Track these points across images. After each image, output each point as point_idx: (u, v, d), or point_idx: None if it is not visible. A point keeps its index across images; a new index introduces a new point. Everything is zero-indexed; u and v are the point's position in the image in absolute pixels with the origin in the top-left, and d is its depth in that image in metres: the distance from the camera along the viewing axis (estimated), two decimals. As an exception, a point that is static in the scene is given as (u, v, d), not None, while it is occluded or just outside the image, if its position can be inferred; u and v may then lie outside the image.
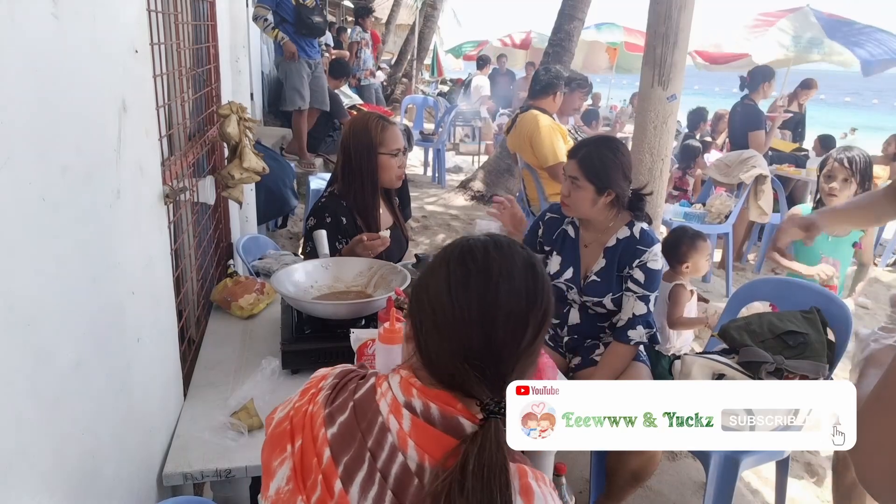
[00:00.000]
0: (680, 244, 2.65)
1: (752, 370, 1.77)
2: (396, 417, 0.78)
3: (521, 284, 0.78)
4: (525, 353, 0.78)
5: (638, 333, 1.91)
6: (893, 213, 1.64)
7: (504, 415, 0.74)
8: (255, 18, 4.81)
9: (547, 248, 2.09)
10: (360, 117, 2.12)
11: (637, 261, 1.91)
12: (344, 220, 2.05)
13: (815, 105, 7.84)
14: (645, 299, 1.91)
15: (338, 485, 0.76)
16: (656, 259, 1.92)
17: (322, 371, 0.93)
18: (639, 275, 1.90)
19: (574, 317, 2.07)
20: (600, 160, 1.86)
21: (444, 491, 0.71)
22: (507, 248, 0.81)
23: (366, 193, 2.08)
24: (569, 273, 2.01)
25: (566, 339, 2.09)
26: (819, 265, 2.54)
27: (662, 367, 2.11)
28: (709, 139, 6.49)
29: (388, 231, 2.05)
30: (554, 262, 2.05)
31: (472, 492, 0.69)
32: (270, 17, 4.79)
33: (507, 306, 0.77)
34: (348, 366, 0.94)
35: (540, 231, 2.12)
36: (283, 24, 4.90)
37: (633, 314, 1.91)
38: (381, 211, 2.14)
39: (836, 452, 1.84)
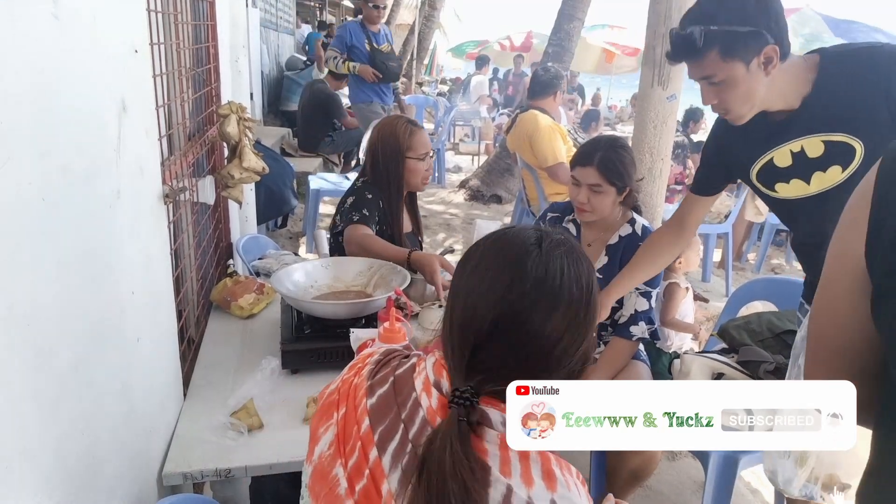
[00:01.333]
0: None
1: (752, 369, 1.78)
2: (427, 394, 0.80)
3: (493, 274, 0.76)
4: (486, 351, 0.75)
5: (640, 329, 1.92)
6: (670, 259, 1.88)
7: (465, 405, 0.73)
8: (327, 61, 4.89)
9: None
10: (388, 122, 2.15)
11: None
12: (381, 203, 2.10)
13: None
14: (647, 295, 1.92)
15: (373, 452, 0.79)
16: None
17: (369, 349, 0.98)
18: None
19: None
20: (620, 161, 1.87)
21: (415, 472, 0.72)
22: (505, 240, 0.80)
23: (391, 198, 2.11)
24: None
25: None
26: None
27: (662, 364, 2.11)
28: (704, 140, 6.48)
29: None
30: None
31: (428, 482, 0.70)
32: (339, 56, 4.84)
33: (474, 292, 0.77)
34: (394, 345, 0.99)
35: None
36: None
37: (636, 310, 1.92)
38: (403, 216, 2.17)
39: None
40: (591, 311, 0.78)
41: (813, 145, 1.46)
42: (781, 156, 1.51)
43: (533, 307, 0.74)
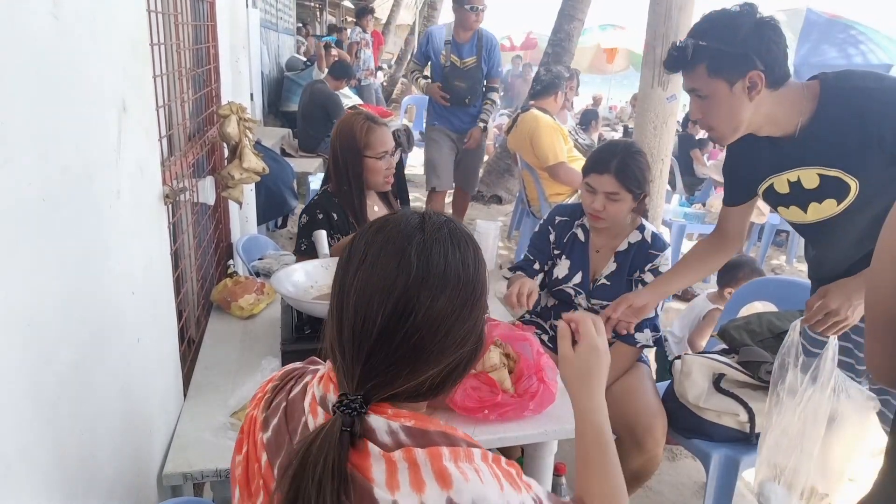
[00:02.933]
0: (739, 270, 2.65)
1: (752, 370, 1.77)
2: (313, 415, 0.75)
3: (380, 270, 0.71)
4: (380, 353, 0.70)
5: (645, 336, 1.91)
6: (716, 267, 1.91)
7: (351, 415, 0.68)
8: (411, 73, 4.30)
9: (556, 252, 2.06)
10: (347, 118, 2.07)
11: (649, 265, 1.91)
12: (335, 216, 2.05)
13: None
14: None
15: (274, 486, 0.73)
16: (668, 264, 1.94)
17: (273, 374, 0.91)
18: (649, 278, 1.91)
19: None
20: (638, 168, 1.85)
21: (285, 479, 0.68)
22: (389, 230, 0.74)
23: (353, 195, 2.05)
24: (577, 278, 1.99)
25: None
26: None
27: (667, 370, 2.10)
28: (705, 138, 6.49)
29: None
30: (562, 267, 2.03)
31: (300, 487, 0.66)
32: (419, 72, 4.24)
33: (359, 290, 0.71)
34: (295, 364, 0.90)
35: (552, 237, 2.08)
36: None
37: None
38: (375, 211, 2.13)
39: None
40: (478, 290, 0.74)
41: (809, 177, 1.47)
42: (780, 183, 1.53)
43: (420, 294, 0.70)
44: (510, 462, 0.75)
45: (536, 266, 2.07)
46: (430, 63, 4.15)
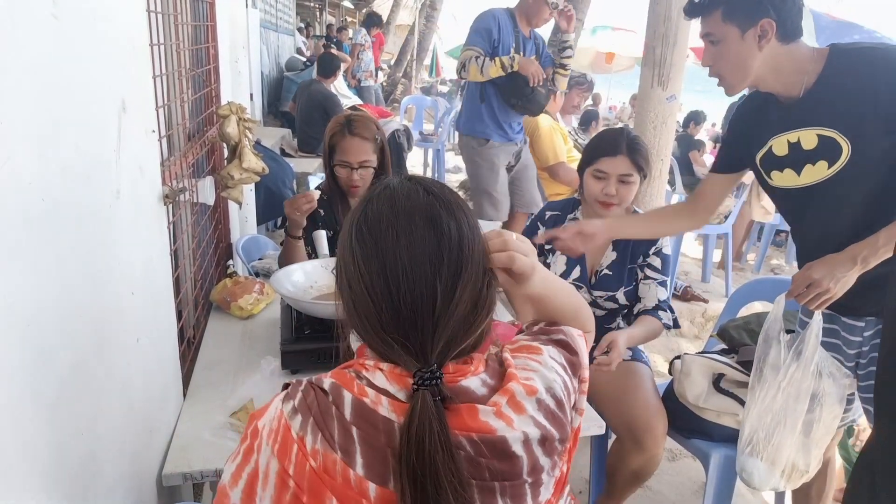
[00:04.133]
0: None
1: (751, 370, 1.77)
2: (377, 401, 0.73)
3: (419, 243, 0.73)
4: (448, 316, 0.72)
5: (667, 316, 1.93)
6: (676, 230, 1.94)
7: (436, 385, 0.70)
8: (466, 62, 3.11)
9: (548, 248, 2.08)
10: (335, 119, 2.08)
11: (653, 248, 1.93)
12: (321, 211, 2.05)
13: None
14: (664, 284, 1.95)
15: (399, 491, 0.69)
16: (667, 244, 1.97)
17: (267, 425, 0.73)
18: (656, 261, 1.94)
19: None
20: (644, 148, 1.91)
21: (385, 463, 0.70)
22: (405, 202, 0.75)
23: (335, 200, 2.07)
24: (576, 272, 2.00)
25: None
26: None
27: None
28: (704, 139, 6.51)
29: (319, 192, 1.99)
30: (559, 263, 2.04)
31: (414, 469, 0.67)
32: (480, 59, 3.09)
33: (408, 268, 0.72)
34: (274, 403, 0.76)
35: (540, 232, 2.11)
36: (488, 87, 3.19)
37: (658, 299, 1.93)
38: None
39: None
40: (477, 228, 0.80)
41: (808, 138, 1.49)
42: (780, 145, 1.55)
43: (462, 250, 0.75)
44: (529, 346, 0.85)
45: None
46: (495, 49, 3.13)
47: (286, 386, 0.78)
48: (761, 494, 2.33)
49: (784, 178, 1.57)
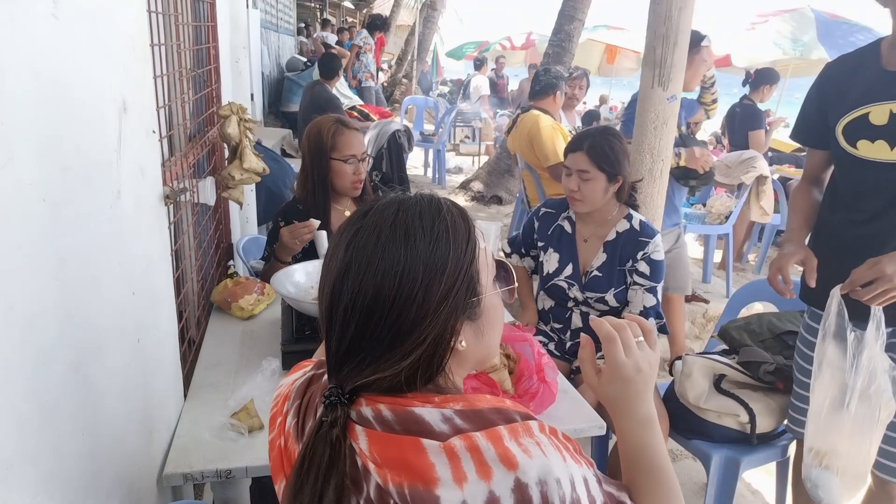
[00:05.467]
0: None
1: (752, 370, 1.77)
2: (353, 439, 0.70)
3: (360, 249, 0.69)
4: (349, 332, 0.68)
5: (650, 324, 1.93)
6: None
7: (334, 403, 0.68)
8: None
9: (541, 245, 2.09)
10: (316, 121, 2.04)
11: (641, 253, 1.93)
12: (296, 223, 1.98)
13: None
14: (653, 291, 1.93)
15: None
16: (658, 250, 1.95)
17: (283, 387, 0.85)
18: (644, 267, 1.93)
19: (577, 320, 2.06)
20: (609, 147, 1.89)
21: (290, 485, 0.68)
22: (377, 212, 0.72)
23: (317, 198, 2.01)
24: (568, 270, 2.01)
25: (569, 343, 2.09)
26: None
27: None
28: (707, 139, 6.50)
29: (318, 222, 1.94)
30: (551, 260, 2.05)
31: (304, 488, 0.66)
32: None
33: (335, 269, 0.71)
34: (303, 371, 0.83)
35: (536, 226, 2.12)
36: None
37: (644, 306, 1.93)
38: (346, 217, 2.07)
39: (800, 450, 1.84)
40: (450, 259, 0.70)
41: None
42: (880, 112, 1.45)
43: (378, 281, 0.68)
44: (566, 436, 0.71)
45: (523, 250, 2.17)
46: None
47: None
48: (762, 495, 2.33)
49: (872, 150, 1.45)
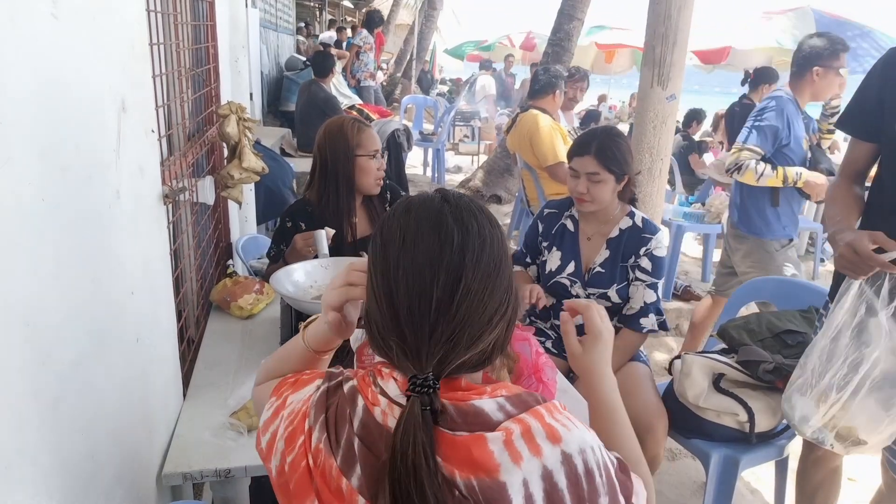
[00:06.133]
0: None
1: (751, 369, 1.77)
2: (378, 409, 0.74)
3: (422, 246, 0.73)
4: (445, 323, 0.71)
5: (650, 321, 1.94)
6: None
7: (428, 394, 0.69)
8: (742, 163, 2.66)
9: (545, 245, 2.10)
10: (335, 121, 2.04)
11: (643, 249, 1.94)
12: (303, 225, 2.00)
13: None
14: (654, 287, 1.94)
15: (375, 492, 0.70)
16: (661, 246, 1.96)
17: (296, 403, 0.81)
18: (646, 263, 1.94)
19: (578, 317, 2.06)
20: (617, 148, 1.90)
21: (381, 478, 0.68)
22: (419, 209, 0.76)
23: (340, 199, 2.00)
24: (571, 267, 2.01)
25: None
26: None
27: None
28: (708, 139, 6.50)
29: (331, 231, 1.94)
30: (554, 258, 2.05)
31: (398, 481, 0.66)
32: None
33: (408, 270, 0.73)
34: (314, 385, 0.82)
35: (540, 228, 2.12)
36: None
37: (645, 302, 1.93)
38: (358, 218, 2.05)
39: (805, 450, 1.84)
40: (504, 244, 0.78)
41: None
42: None
43: (465, 258, 0.72)
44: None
45: (528, 259, 2.16)
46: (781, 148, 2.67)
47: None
48: (762, 494, 2.33)
49: None
